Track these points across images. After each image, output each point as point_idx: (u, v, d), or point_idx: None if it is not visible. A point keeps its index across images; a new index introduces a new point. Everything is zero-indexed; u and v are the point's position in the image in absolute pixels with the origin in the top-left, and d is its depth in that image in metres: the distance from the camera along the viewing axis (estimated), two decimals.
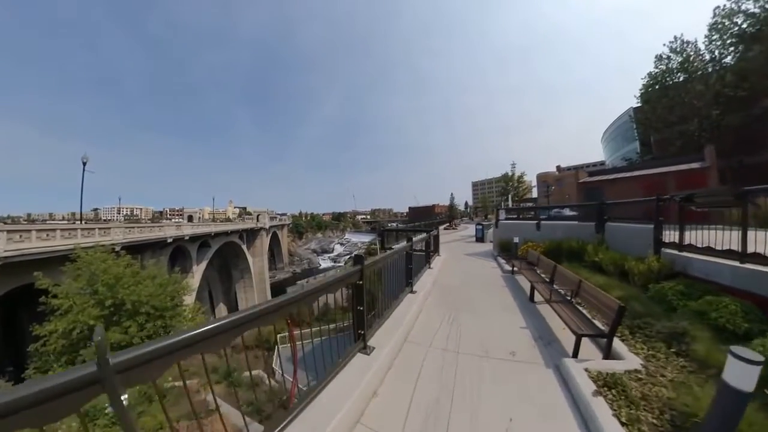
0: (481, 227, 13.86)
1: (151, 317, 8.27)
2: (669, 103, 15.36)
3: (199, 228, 20.11)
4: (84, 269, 7.66)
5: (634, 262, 4.96)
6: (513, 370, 2.71)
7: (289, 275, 62.31)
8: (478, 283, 5.89)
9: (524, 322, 3.93)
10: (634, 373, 2.42)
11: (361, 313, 2.30)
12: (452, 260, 8.46)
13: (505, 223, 9.66)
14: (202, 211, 68.48)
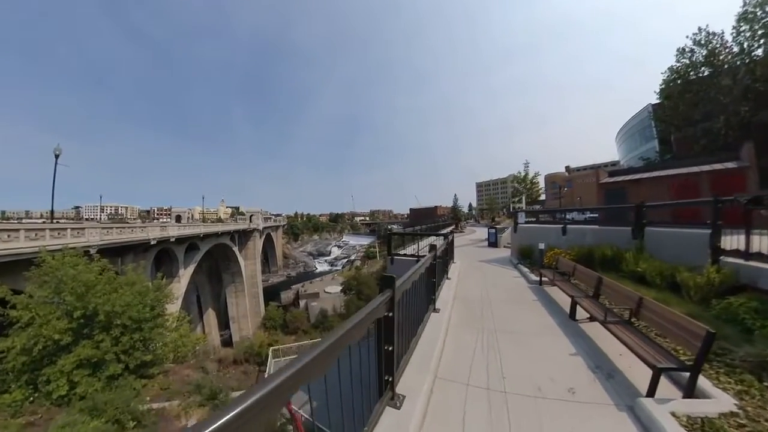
0: (494, 231, 13.57)
1: (128, 330, 7.65)
2: (692, 99, 15.03)
3: (187, 229, 19.30)
4: (50, 276, 7.01)
5: (688, 273, 4.45)
6: (577, 414, 2.21)
7: (284, 279, 61.57)
8: (504, 296, 5.41)
9: (572, 347, 3.41)
10: (731, 417, 2.00)
11: (390, 355, 1.74)
12: (469, 268, 7.95)
13: (526, 228, 9.23)
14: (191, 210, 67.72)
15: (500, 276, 7.06)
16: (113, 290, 7.93)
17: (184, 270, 19.85)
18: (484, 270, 7.82)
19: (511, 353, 3.27)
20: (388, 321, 1.72)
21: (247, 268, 34.25)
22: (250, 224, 37.11)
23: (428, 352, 2.78)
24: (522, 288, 5.96)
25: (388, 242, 7.92)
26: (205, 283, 29.72)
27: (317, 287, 44.13)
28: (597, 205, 13.33)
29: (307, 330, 27.07)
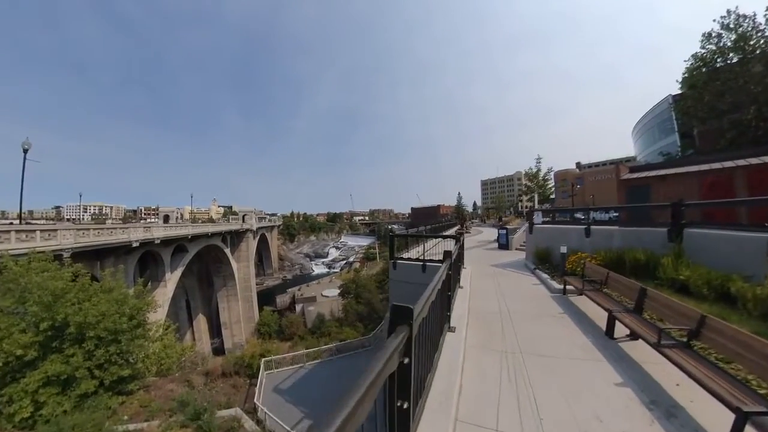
0: (505, 232, 13.04)
1: (103, 342, 7.21)
2: (719, 89, 14.46)
3: (173, 230, 18.79)
4: (14, 283, 6.56)
5: (744, 283, 3.98)
6: None
7: (279, 282, 61.40)
8: (525, 308, 4.97)
9: (616, 374, 2.96)
10: None
11: (405, 413, 1.26)
12: (481, 275, 7.51)
13: (543, 228, 8.70)
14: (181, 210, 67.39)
15: (517, 283, 6.67)
16: (87, 298, 7.49)
17: (171, 274, 19.43)
18: (498, 276, 7.39)
19: (543, 384, 2.82)
20: (403, 371, 1.24)
21: (240, 270, 33.85)
22: (243, 224, 36.65)
23: (446, 389, 2.31)
24: (544, 298, 5.52)
25: (391, 245, 7.43)
26: (195, 287, 29.39)
27: (314, 290, 44.16)
28: (617, 204, 12.85)
29: (304, 336, 26.70)
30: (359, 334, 21.19)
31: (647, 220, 6.68)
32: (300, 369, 12.60)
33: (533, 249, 8.45)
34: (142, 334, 8.08)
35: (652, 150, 25.05)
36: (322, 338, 23.14)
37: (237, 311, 31.44)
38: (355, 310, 27.01)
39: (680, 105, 18.10)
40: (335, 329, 24.04)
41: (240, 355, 13.79)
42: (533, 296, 5.63)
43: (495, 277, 7.28)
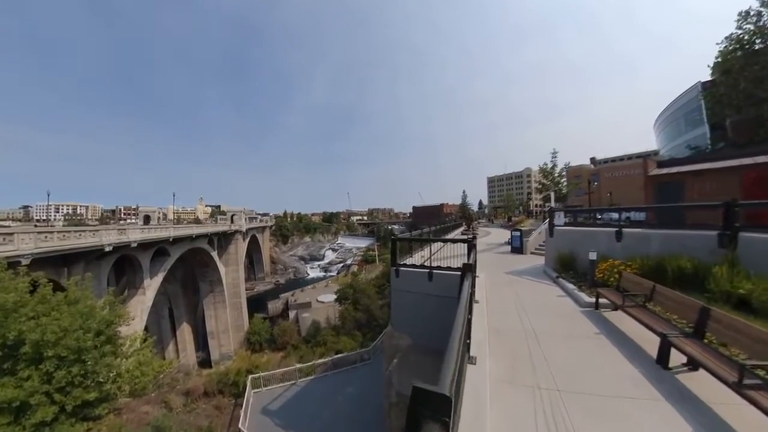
0: (519, 234, 12.68)
1: (65, 362, 6.73)
2: (758, 74, 13.85)
3: (153, 231, 18.36)
4: None
5: None
6: None
7: (271, 287, 60.64)
8: (553, 327, 4.55)
9: (682, 420, 2.53)
10: None
11: None
12: (497, 284, 7.12)
13: (565, 231, 8.33)
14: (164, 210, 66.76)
15: (539, 295, 6.29)
16: (47, 312, 7.01)
17: (151, 280, 18.95)
18: (516, 286, 7.02)
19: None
20: None
21: (229, 275, 33.44)
22: (231, 225, 35.99)
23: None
24: (573, 314, 5.10)
25: (393, 249, 7.02)
26: (179, 294, 28.89)
27: (309, 296, 44.12)
28: (641, 202, 12.36)
29: (298, 345, 26.40)
30: (357, 345, 20.94)
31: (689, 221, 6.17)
32: (292, 386, 12.16)
33: (554, 254, 8.10)
34: (111, 351, 7.60)
35: (677, 143, 24.40)
36: (317, 348, 22.92)
37: (225, 319, 31.00)
38: (353, 317, 26.58)
39: (711, 93, 17.50)
40: (332, 338, 23.70)
41: (224, 371, 13.35)
42: (560, 311, 5.23)
43: (512, 287, 6.91)
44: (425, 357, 5.78)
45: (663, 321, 3.80)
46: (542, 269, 8.53)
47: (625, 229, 6.72)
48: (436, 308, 6.08)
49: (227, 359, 29.19)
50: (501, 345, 3.96)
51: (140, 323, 16.04)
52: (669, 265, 5.38)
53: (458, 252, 6.52)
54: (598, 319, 4.72)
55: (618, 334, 4.18)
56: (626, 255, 6.24)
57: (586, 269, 6.62)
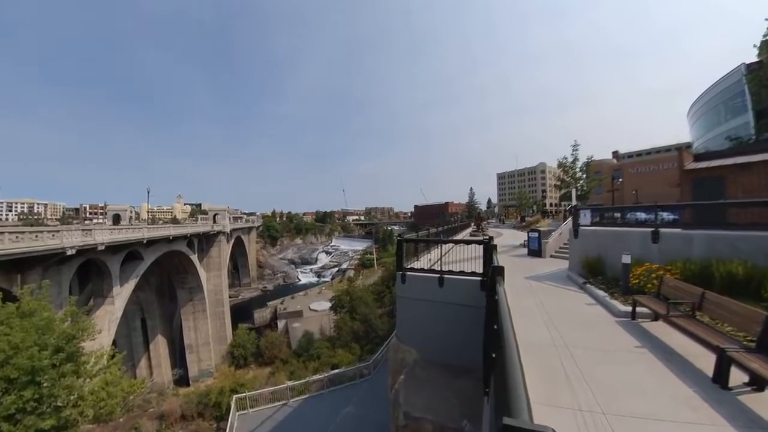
0: (537, 235, 12.52)
1: (16, 384, 6.42)
2: None
3: (123, 233, 17.95)
4: None
5: None
6: None
7: (258, 294, 60.37)
8: (586, 339, 4.40)
9: None
10: None
11: None
12: (517, 290, 6.98)
13: (591, 232, 8.19)
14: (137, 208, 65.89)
15: (566, 303, 6.15)
16: None
17: (121, 287, 18.62)
18: (539, 293, 6.89)
19: None
20: None
21: (210, 281, 33.18)
22: (214, 226, 35.63)
23: None
24: (608, 324, 4.95)
25: (399, 252, 6.88)
26: (154, 303, 28.51)
27: (300, 303, 43.91)
28: (672, 200, 12.22)
29: (287, 359, 26.16)
30: (356, 358, 20.72)
31: (739, 221, 5.98)
32: (282, 407, 11.90)
33: (580, 257, 7.99)
34: (73, 370, 7.29)
35: (715, 134, 23.49)
36: (310, 362, 22.62)
37: (205, 331, 30.66)
38: (350, 328, 26.25)
39: (757, 75, 16.91)
40: (326, 351, 23.40)
41: (205, 390, 13.03)
42: (592, 322, 5.10)
43: (535, 294, 6.81)
44: (435, 373, 5.76)
45: (717, 333, 3.62)
46: (566, 274, 8.44)
47: (662, 229, 6.57)
48: (447, 318, 5.96)
49: (207, 376, 28.89)
50: (531, 361, 3.76)
51: (108, 337, 15.74)
52: (717, 269, 5.24)
53: (469, 255, 6.40)
54: (637, 331, 4.58)
55: (663, 347, 4.04)
56: (664, 258, 6.12)
57: (617, 274, 6.52)
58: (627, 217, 8.14)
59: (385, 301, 31.22)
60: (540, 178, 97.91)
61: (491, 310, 3.40)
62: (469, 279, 5.84)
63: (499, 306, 2.19)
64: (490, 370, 3.17)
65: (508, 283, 7.74)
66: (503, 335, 1.61)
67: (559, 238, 12.80)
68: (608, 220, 8.51)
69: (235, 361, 29.52)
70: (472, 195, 76.74)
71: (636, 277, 5.89)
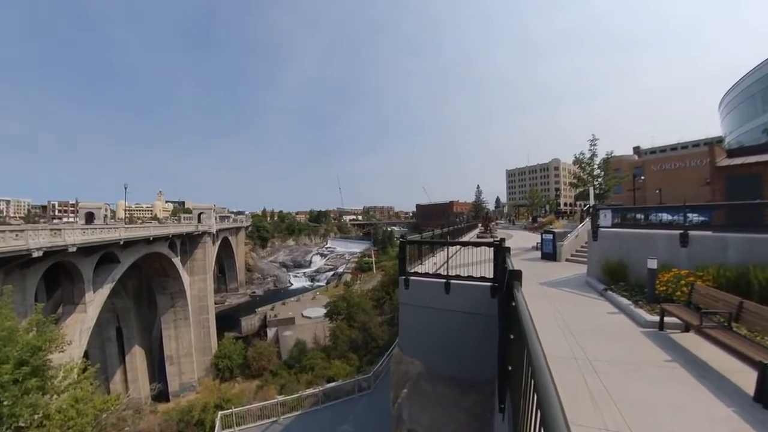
0: (552, 237, 12.50)
1: None
2: None
3: (97, 233, 17.73)
4: None
5: None
6: None
7: (246, 299, 60.50)
8: (609, 352, 4.34)
9: None
10: None
11: None
12: (530, 297, 6.69)
13: (613, 234, 8.19)
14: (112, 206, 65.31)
15: (585, 312, 6.14)
16: None
17: (95, 293, 18.42)
18: (555, 300, 6.88)
19: None
20: None
21: (194, 286, 33.10)
22: (198, 225, 35.59)
23: None
24: (633, 336, 4.92)
25: (401, 254, 6.88)
26: (131, 311, 28.25)
27: (292, 310, 43.81)
28: (699, 200, 12.17)
29: (278, 371, 26.13)
30: (353, 370, 20.66)
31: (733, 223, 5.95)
32: (272, 425, 11.81)
33: (600, 261, 7.97)
34: (38, 386, 7.15)
35: (751, 127, 22.87)
36: (302, 374, 22.60)
37: (188, 340, 30.51)
38: (347, 337, 26.22)
39: None
40: (320, 362, 23.37)
41: (187, 406, 12.90)
42: (615, 333, 5.05)
43: (550, 301, 6.81)
44: (442, 387, 5.72)
45: (758, 347, 3.53)
46: (584, 280, 8.46)
47: (692, 231, 6.51)
48: (455, 327, 5.96)
49: (190, 391, 28.84)
50: None
51: (79, 348, 15.56)
52: (756, 276, 5.16)
53: (478, 258, 6.41)
54: (666, 343, 4.53)
55: (696, 362, 3.98)
56: (694, 263, 6.07)
57: (641, 280, 6.49)
58: (651, 219, 8.17)
59: (386, 309, 31.15)
60: (553, 176, 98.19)
61: (506, 318, 3.49)
62: (479, 284, 5.82)
63: (520, 313, 2.12)
64: (506, 385, 3.15)
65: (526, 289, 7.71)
66: (528, 346, 1.54)
67: (575, 241, 12.83)
68: (631, 221, 8.52)
69: (220, 374, 29.50)
70: (479, 193, 76.61)
71: (663, 284, 5.84)
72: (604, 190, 26.46)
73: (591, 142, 26.62)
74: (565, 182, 71.35)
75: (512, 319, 2.78)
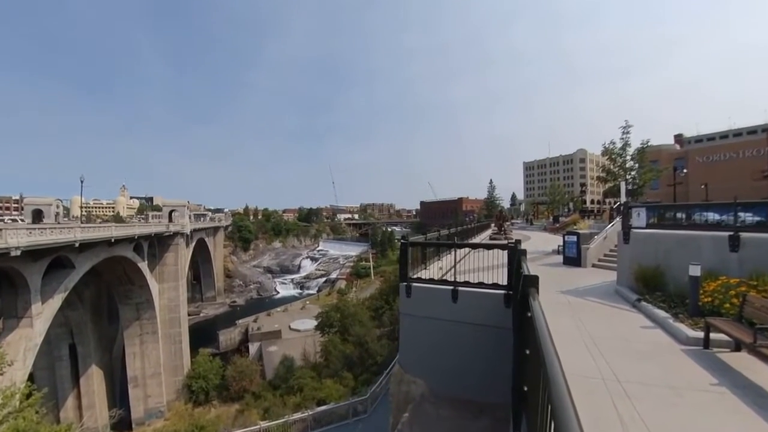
0: (576, 239, 12.50)
1: None
2: None
3: (47, 234, 17.37)
4: None
5: None
6: None
7: (225, 310, 60.55)
8: (645, 374, 4.29)
9: None
10: None
11: None
12: (550, 308, 6.89)
13: (648, 235, 8.18)
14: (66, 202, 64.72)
15: (615, 326, 6.16)
16: None
17: (43, 304, 18.16)
18: (579, 311, 6.88)
19: None
20: None
21: (164, 295, 33.08)
22: (169, 225, 35.54)
23: None
24: (672, 354, 4.87)
25: (403, 258, 6.93)
26: (87, 324, 27.88)
27: (279, 322, 43.87)
28: (766, 197, 12.04)
29: (261, 393, 26.09)
30: (348, 391, 20.66)
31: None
32: None
33: (632, 267, 7.94)
34: None
35: None
36: (289, 396, 22.49)
37: (156, 358, 30.39)
38: (340, 353, 26.32)
39: None
40: (310, 382, 23.38)
41: None
42: (651, 350, 5.02)
43: (573, 313, 6.82)
44: (448, 410, 5.78)
45: None
46: (613, 288, 8.49)
47: (744, 233, 6.40)
48: (463, 341, 6.04)
49: (157, 417, 28.79)
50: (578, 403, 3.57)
51: (23, 370, 15.39)
52: None
53: (491, 262, 6.45)
54: (712, 364, 4.48)
55: (749, 387, 3.90)
56: (746, 271, 5.98)
57: (682, 290, 6.45)
58: (695, 218, 8.10)
59: (385, 320, 31.21)
60: (579, 169, 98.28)
61: (521, 330, 3.45)
62: (491, 292, 5.87)
63: (535, 325, 2.11)
64: (522, 408, 3.09)
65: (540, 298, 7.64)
66: (545, 362, 1.51)
67: (603, 244, 12.79)
68: (670, 220, 8.49)
69: (193, 397, 29.51)
70: (492, 189, 76.34)
71: (708, 294, 5.77)
72: (638, 186, 26.31)
73: (623, 129, 26.38)
74: (592, 176, 71.31)
75: (528, 332, 2.78)
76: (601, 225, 19.01)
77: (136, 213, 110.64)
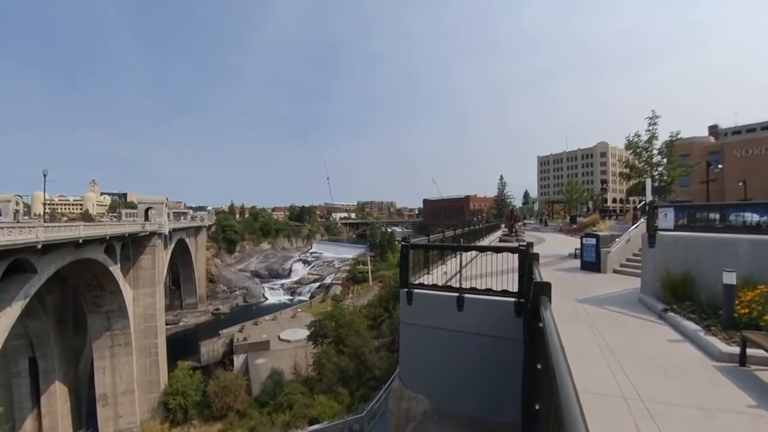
0: (595, 242, 12.62)
1: None
2: None
3: (4, 234, 17.03)
4: None
5: None
6: None
7: (208, 318, 61.20)
8: (672, 394, 4.30)
9: None
10: None
11: None
12: (565, 318, 6.91)
13: (677, 238, 8.20)
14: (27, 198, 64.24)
15: (638, 338, 6.21)
16: None
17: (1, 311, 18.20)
18: (598, 322, 6.91)
19: None
20: None
21: (139, 302, 33.21)
22: (145, 224, 35.69)
23: None
24: (703, 371, 4.87)
25: (403, 262, 7.04)
26: (50, 336, 27.83)
27: (267, 331, 44.37)
28: None
29: (247, 410, 26.21)
30: (343, 409, 20.83)
31: None
32: None
33: (659, 273, 7.94)
34: None
35: None
36: (277, 414, 22.57)
37: (128, 373, 30.44)
38: (335, 366, 26.59)
39: None
40: (301, 398, 23.56)
41: None
42: (679, 366, 5.02)
43: (592, 324, 6.84)
44: (452, 429, 5.89)
45: None
46: (636, 297, 8.49)
47: None
48: (469, 353, 6.17)
49: None
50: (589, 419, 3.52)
51: None
52: None
53: (500, 267, 6.55)
54: (749, 382, 4.45)
55: None
56: None
57: (715, 299, 6.44)
58: (730, 219, 8.08)
59: (384, 330, 31.45)
60: (599, 164, 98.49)
61: (533, 342, 3.42)
62: (500, 300, 5.97)
63: (547, 336, 2.16)
64: (532, 428, 3.04)
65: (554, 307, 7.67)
66: (556, 378, 1.53)
67: (625, 247, 12.89)
68: (701, 222, 8.48)
69: (170, 416, 29.69)
70: (503, 186, 76.75)
71: (745, 305, 5.71)
72: (666, 183, 26.33)
73: (650, 120, 26.35)
74: (614, 172, 71.44)
75: (539, 344, 2.77)
76: (623, 226, 19.19)
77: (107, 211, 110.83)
